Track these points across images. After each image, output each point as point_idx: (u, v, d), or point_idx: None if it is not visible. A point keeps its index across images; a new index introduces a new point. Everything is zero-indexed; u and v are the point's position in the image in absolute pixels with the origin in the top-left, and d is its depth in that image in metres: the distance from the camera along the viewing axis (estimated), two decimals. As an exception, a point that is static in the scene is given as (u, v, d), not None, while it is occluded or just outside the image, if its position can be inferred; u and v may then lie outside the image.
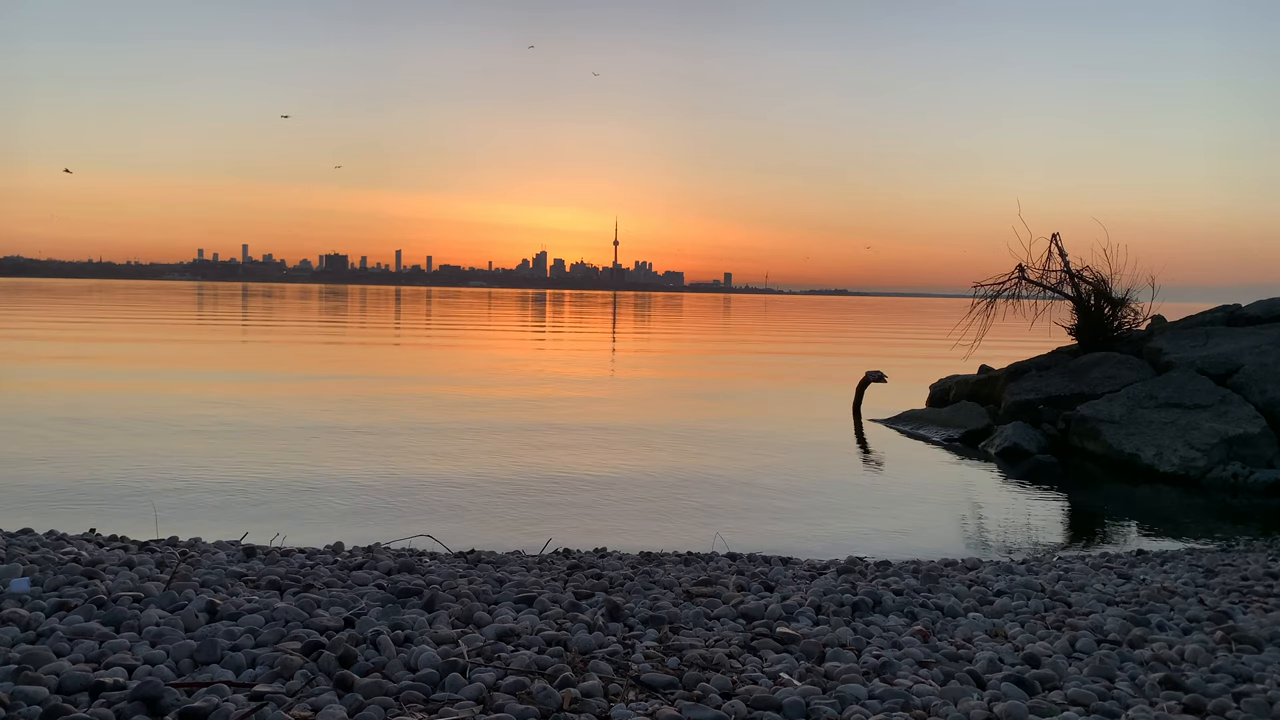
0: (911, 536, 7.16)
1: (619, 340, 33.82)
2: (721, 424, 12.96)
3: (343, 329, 36.26)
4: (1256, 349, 11.53)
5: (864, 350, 29.86)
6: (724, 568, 5.49)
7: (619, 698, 3.14)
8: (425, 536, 6.21)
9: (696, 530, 6.95)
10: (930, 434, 12.49)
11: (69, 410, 12.21)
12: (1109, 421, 10.86)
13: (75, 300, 61.39)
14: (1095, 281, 13.59)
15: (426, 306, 70.97)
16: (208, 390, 15.02)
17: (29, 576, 4.16)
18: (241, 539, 5.91)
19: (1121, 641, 4.05)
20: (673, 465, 9.71)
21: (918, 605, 4.50)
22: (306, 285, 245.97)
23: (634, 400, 15.72)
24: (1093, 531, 7.93)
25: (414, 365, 21.58)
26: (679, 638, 3.83)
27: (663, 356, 26.63)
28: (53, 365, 18.70)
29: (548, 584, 4.69)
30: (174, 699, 2.88)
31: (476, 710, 2.94)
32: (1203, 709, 3.23)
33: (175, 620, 3.63)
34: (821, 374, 21.80)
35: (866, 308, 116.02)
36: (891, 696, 3.21)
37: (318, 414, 12.61)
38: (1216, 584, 5.33)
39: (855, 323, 59.37)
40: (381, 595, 4.25)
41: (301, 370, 19.27)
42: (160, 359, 20.82)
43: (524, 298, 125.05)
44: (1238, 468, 9.62)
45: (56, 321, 34.86)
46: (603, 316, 58.48)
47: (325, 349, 25.55)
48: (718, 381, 19.68)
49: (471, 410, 13.49)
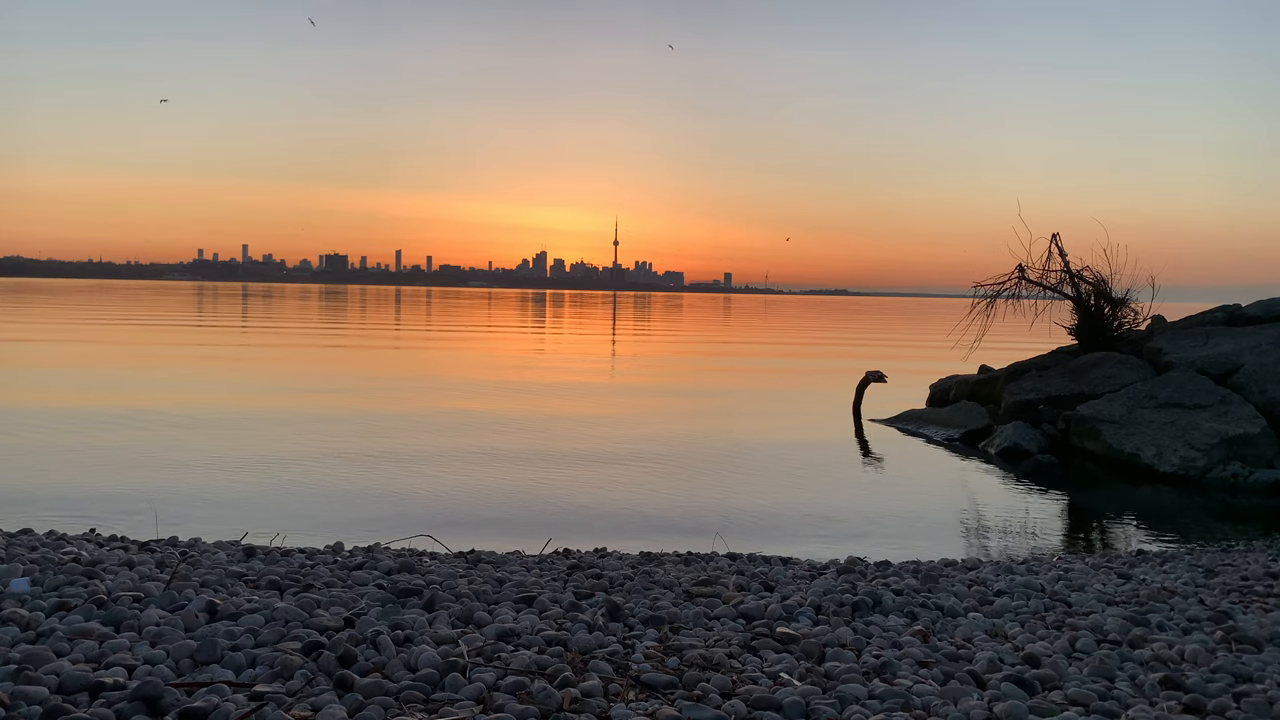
0: (911, 536, 7.16)
1: (619, 340, 33.82)
2: (721, 424, 12.96)
3: (343, 329, 36.26)
4: (1256, 349, 11.53)
5: (864, 350, 29.86)
6: (724, 568, 5.49)
7: (619, 698, 3.14)
8: (425, 536, 6.21)
9: (696, 530, 6.95)
10: (930, 434, 12.49)
11: (70, 410, 12.21)
12: (1109, 421, 10.86)
13: (75, 300, 61.39)
14: (1095, 281, 13.58)
15: (426, 307, 70.95)
16: (208, 390, 15.02)
17: (29, 576, 4.16)
18: (241, 539, 5.90)
19: (1121, 641, 4.05)
20: (672, 465, 9.71)
21: (918, 605, 4.50)
22: (306, 285, 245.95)
23: (634, 400, 15.71)
24: (1093, 531, 7.93)
25: (414, 365, 21.58)
26: (679, 638, 3.83)
27: (662, 356, 26.63)
28: (52, 365, 18.69)
29: (548, 584, 4.69)
30: (174, 699, 2.88)
31: (476, 710, 2.94)
32: (1203, 709, 3.23)
33: (175, 620, 3.63)
34: (821, 374, 21.80)
35: (866, 308, 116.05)
36: (891, 696, 3.21)
37: (318, 414, 12.61)
38: (1216, 584, 5.33)
39: (855, 323, 59.37)
40: (381, 595, 4.25)
41: (302, 370, 19.27)
42: (160, 359, 20.81)
43: (524, 298, 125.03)
44: (1238, 468, 9.62)
45: (57, 322, 34.85)
46: (603, 317, 58.48)
47: (326, 349, 25.55)
48: (717, 381, 19.68)
49: (471, 410, 13.49)
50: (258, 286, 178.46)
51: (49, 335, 27.39)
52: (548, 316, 57.38)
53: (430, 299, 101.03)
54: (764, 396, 17.07)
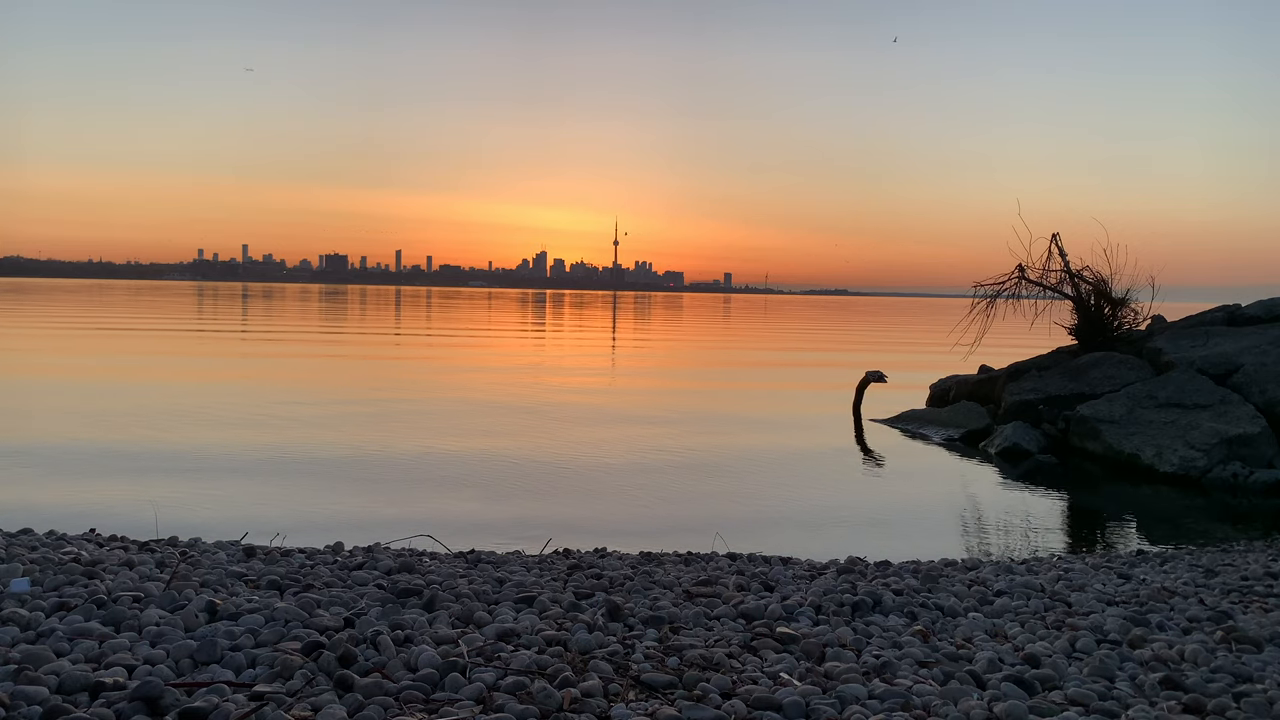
0: (911, 536, 7.16)
1: (619, 340, 33.81)
2: (721, 424, 12.96)
3: (344, 330, 36.26)
4: (1256, 349, 11.53)
5: (864, 350, 29.86)
6: (724, 568, 5.49)
7: (619, 698, 3.14)
8: (425, 536, 6.21)
9: (696, 530, 6.94)
10: (930, 434, 12.49)
11: (70, 410, 12.21)
12: (1109, 421, 10.86)
13: (76, 300, 61.39)
14: (1095, 281, 13.58)
15: (426, 307, 70.95)
16: (208, 390, 15.02)
17: (29, 576, 4.16)
18: (241, 539, 5.90)
19: (1121, 641, 4.05)
20: (673, 465, 9.71)
21: (918, 605, 4.50)
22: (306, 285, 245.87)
23: (634, 399, 15.71)
24: (1093, 531, 7.93)
25: (414, 365, 21.58)
26: (679, 638, 3.83)
27: (662, 355, 26.62)
28: (53, 365, 18.69)
29: (548, 584, 4.69)
30: (174, 699, 2.88)
31: (476, 710, 2.94)
32: (1203, 709, 3.23)
33: (175, 620, 3.63)
34: (821, 374, 21.79)
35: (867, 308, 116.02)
36: (891, 696, 3.21)
37: (319, 414, 12.61)
38: (1216, 584, 5.33)
39: (855, 323, 59.36)
40: (381, 595, 4.25)
41: (302, 370, 19.28)
42: (161, 358, 20.81)
43: (524, 298, 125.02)
44: (1238, 468, 9.62)
45: (57, 322, 34.85)
46: (603, 317, 58.47)
47: (327, 349, 25.55)
48: (717, 381, 19.68)
49: (471, 410, 13.49)
50: (258, 287, 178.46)
51: (49, 335, 27.38)
52: (548, 317, 57.38)
53: (430, 299, 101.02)
54: (764, 396, 17.07)
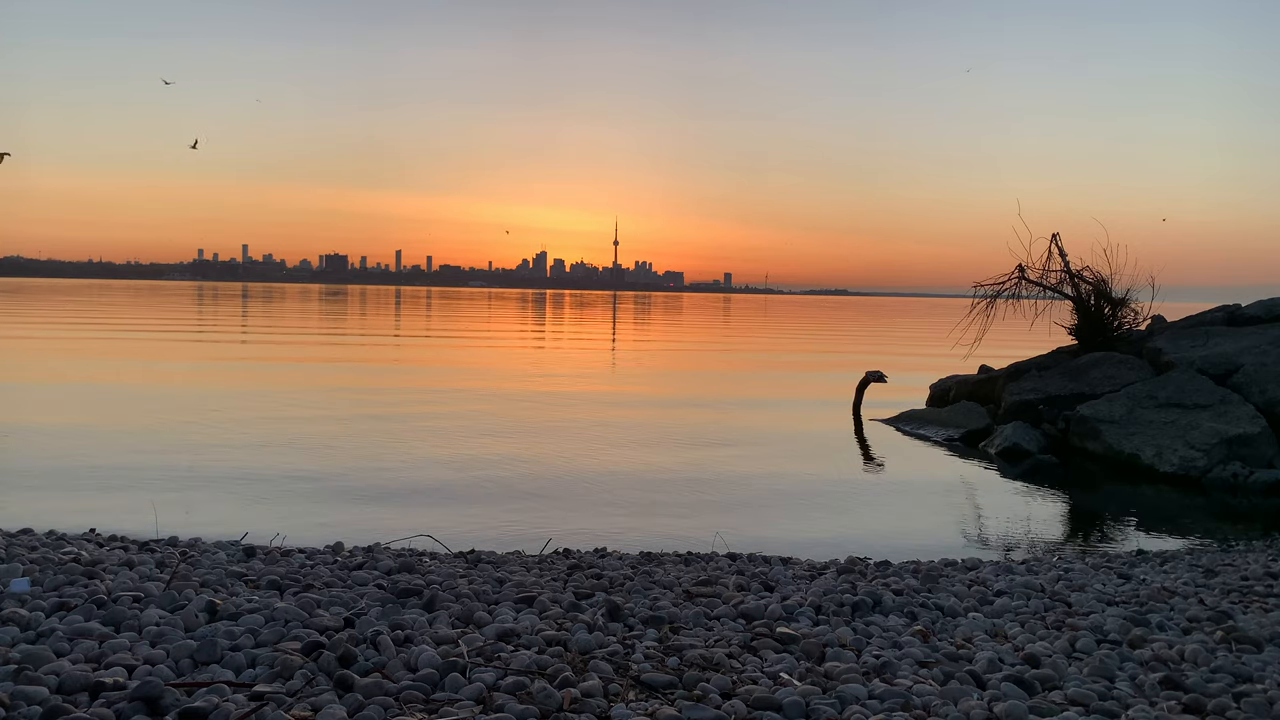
0: (911, 536, 7.16)
1: (619, 340, 33.81)
2: (721, 423, 12.96)
3: (344, 330, 36.26)
4: (1256, 349, 11.53)
5: (864, 350, 29.86)
6: (724, 568, 5.49)
7: (619, 698, 3.14)
8: (425, 536, 6.21)
9: (696, 530, 6.94)
10: (930, 434, 12.49)
11: (70, 410, 12.21)
12: (1109, 421, 10.86)
13: (76, 300, 61.40)
14: (1095, 281, 13.58)
15: (426, 307, 70.95)
16: (208, 390, 15.02)
17: (29, 576, 4.16)
18: (241, 539, 5.91)
19: (1121, 641, 4.05)
20: (673, 465, 9.71)
21: (918, 605, 4.50)
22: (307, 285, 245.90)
23: (633, 399, 15.71)
24: (1093, 531, 7.92)
25: (414, 365, 21.58)
26: (679, 638, 3.83)
27: (662, 355, 26.61)
28: (52, 366, 18.69)
29: (548, 584, 4.69)
30: (174, 699, 2.88)
31: (476, 710, 2.94)
32: (1203, 709, 3.23)
33: (175, 620, 3.63)
34: (821, 374, 21.79)
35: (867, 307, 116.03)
36: (891, 696, 3.21)
37: (319, 414, 12.61)
38: (1216, 584, 5.33)
39: (855, 322, 59.37)
40: (381, 595, 4.25)
41: (302, 370, 19.27)
42: (161, 358, 20.81)
43: (524, 298, 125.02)
44: (1238, 468, 9.62)
45: (57, 322, 34.85)
46: (603, 317, 58.48)
47: (327, 349, 25.55)
48: (717, 381, 19.68)
49: (472, 410, 13.49)
50: (258, 287, 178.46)
51: (49, 336, 27.38)
52: (548, 317, 57.38)
53: (430, 299, 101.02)
54: (763, 397, 17.06)
